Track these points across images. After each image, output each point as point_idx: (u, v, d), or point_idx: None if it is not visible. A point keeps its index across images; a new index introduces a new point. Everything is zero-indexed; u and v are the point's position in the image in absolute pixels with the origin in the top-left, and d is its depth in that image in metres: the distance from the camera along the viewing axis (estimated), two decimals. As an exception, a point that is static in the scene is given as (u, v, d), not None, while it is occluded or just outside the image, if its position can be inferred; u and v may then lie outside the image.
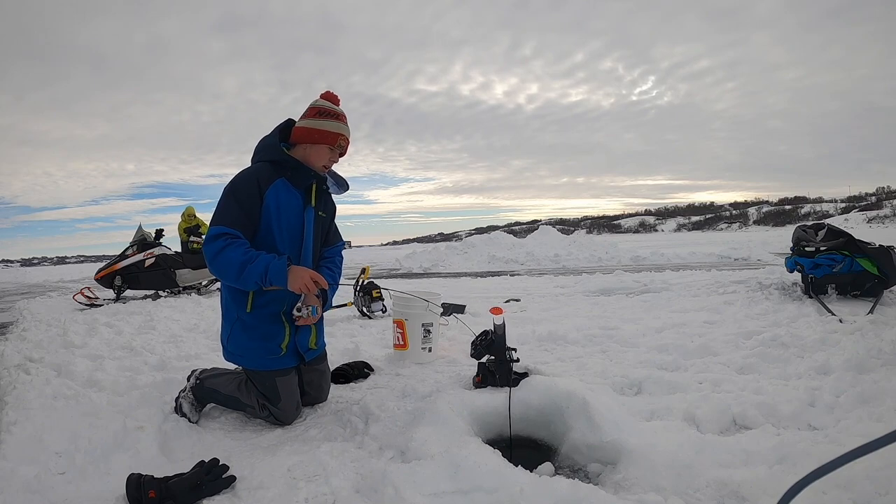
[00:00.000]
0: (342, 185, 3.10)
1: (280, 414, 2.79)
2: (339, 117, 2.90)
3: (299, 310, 2.72)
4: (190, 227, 12.27)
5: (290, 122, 2.94)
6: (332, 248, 3.15)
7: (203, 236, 12.14)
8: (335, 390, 3.26)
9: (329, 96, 2.95)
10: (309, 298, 2.72)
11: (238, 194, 2.66)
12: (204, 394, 2.90)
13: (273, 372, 2.77)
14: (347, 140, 2.92)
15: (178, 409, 2.86)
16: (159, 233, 10.58)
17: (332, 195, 3.13)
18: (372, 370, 3.68)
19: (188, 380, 2.98)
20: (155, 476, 2.08)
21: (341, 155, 2.95)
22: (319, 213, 2.96)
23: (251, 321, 2.75)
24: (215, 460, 2.18)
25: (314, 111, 2.87)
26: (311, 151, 2.84)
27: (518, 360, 2.86)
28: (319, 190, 2.96)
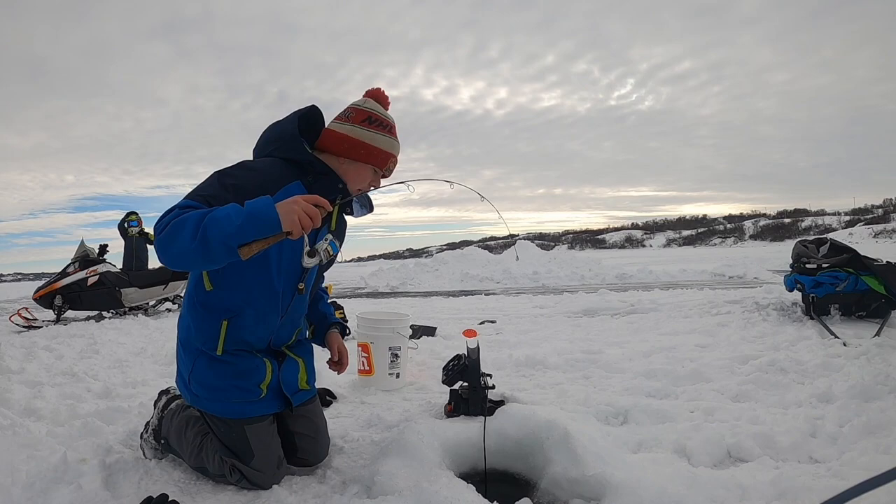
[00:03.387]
0: (366, 205, 2.63)
1: (255, 475, 2.33)
2: (393, 130, 2.44)
3: (313, 254, 2.11)
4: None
5: (313, 111, 2.43)
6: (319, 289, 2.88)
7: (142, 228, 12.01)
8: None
9: (378, 95, 2.49)
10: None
11: (226, 179, 2.14)
12: (171, 452, 2.64)
13: (243, 420, 2.35)
14: (396, 161, 2.50)
15: (143, 453, 2.70)
16: (103, 248, 10.49)
17: (353, 216, 2.66)
18: (334, 398, 3.65)
19: (154, 411, 2.81)
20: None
21: (383, 177, 2.52)
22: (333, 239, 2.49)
23: (218, 356, 2.33)
24: (164, 496, 2.15)
25: (362, 116, 2.39)
26: (350, 169, 2.38)
27: (493, 387, 2.86)
28: (340, 210, 2.53)
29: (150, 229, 12.16)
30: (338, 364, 2.82)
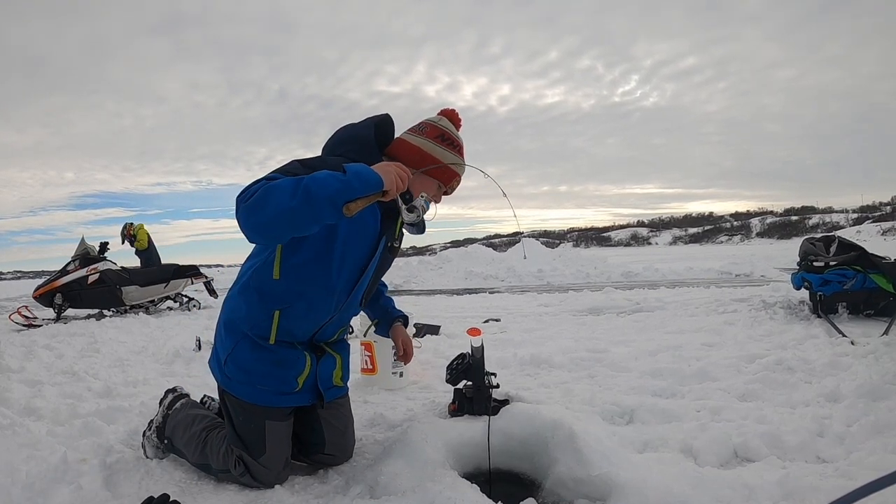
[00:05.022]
0: (420, 226, 2.66)
1: (260, 471, 2.34)
2: (462, 151, 2.50)
3: (412, 210, 2.22)
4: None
5: (387, 119, 2.48)
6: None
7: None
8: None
9: (453, 116, 2.55)
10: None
11: (305, 168, 2.13)
12: (173, 452, 2.65)
13: (268, 410, 2.38)
14: (460, 181, 2.56)
15: (144, 452, 2.71)
16: (104, 246, 10.53)
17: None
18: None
19: (159, 409, 2.80)
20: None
21: (445, 194, 2.57)
22: (392, 244, 2.54)
23: (267, 343, 2.36)
24: (165, 496, 2.15)
25: (435, 132, 2.45)
26: (416, 181, 2.37)
27: (498, 386, 2.86)
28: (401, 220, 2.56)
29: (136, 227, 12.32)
30: (403, 356, 3.00)
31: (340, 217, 1.94)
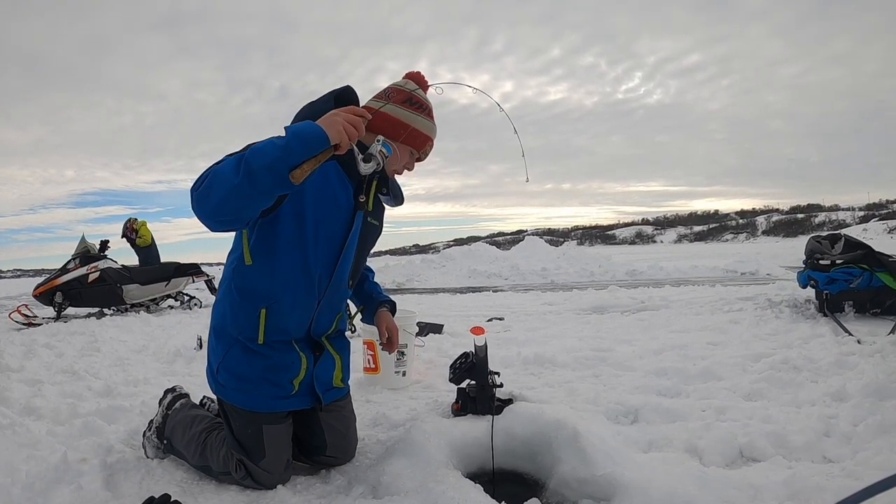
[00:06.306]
0: (398, 196, 2.59)
1: (261, 475, 2.31)
2: (432, 113, 2.43)
3: (369, 159, 2.07)
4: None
5: (348, 90, 2.34)
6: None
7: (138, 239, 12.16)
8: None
9: (419, 78, 2.45)
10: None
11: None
12: (173, 453, 2.63)
13: (263, 416, 2.33)
14: (433, 146, 2.48)
15: (144, 452, 2.69)
16: (104, 244, 10.49)
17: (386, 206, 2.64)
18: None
19: (158, 409, 2.78)
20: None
21: (418, 160, 2.50)
22: (371, 220, 2.45)
23: (257, 346, 2.30)
24: (166, 496, 2.15)
25: (403, 96, 2.36)
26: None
27: (501, 386, 2.86)
28: (377, 192, 2.45)
29: (140, 226, 12.30)
30: (388, 344, 2.87)
31: (289, 186, 1.85)
